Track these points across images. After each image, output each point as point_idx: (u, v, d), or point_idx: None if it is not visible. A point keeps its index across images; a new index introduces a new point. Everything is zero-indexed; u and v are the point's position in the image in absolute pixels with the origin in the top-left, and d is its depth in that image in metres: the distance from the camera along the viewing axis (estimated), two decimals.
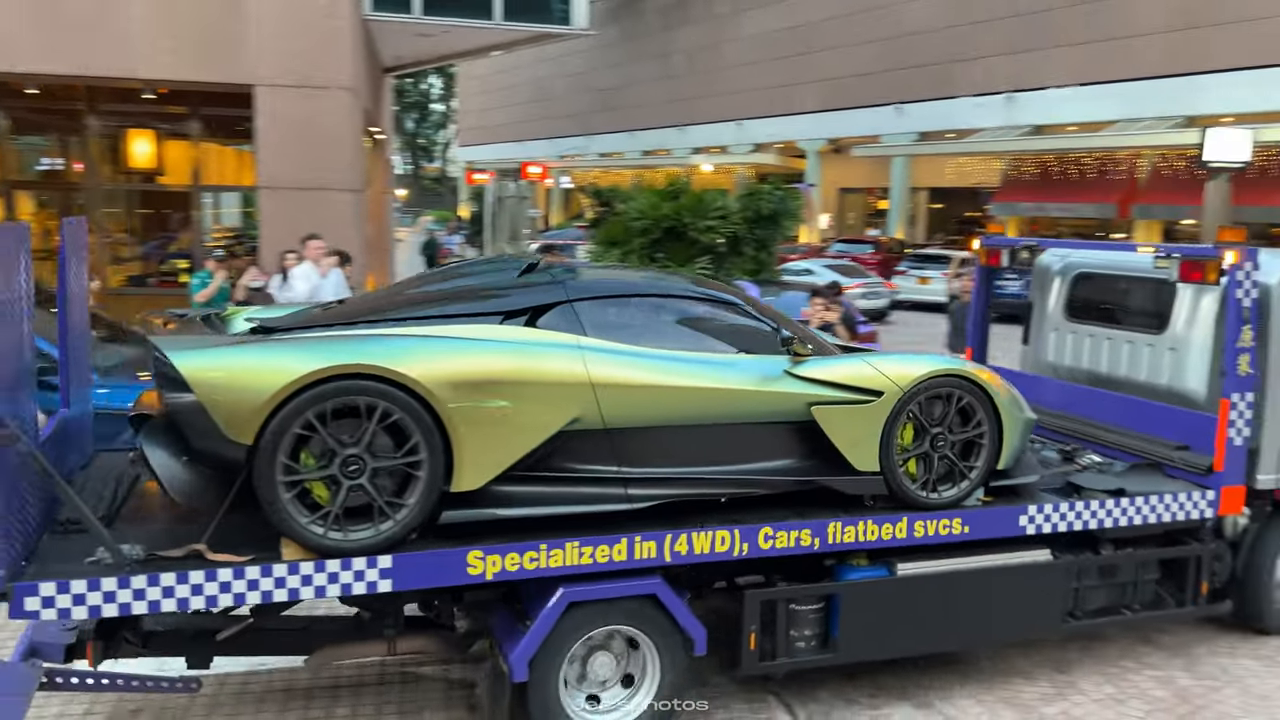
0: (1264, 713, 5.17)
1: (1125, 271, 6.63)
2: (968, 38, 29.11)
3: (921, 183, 34.66)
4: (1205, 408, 5.86)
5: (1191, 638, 6.04)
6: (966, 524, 4.96)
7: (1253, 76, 22.01)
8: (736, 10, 38.70)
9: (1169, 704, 5.25)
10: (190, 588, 3.87)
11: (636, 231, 10.39)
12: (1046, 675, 5.54)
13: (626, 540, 4.38)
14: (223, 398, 3.84)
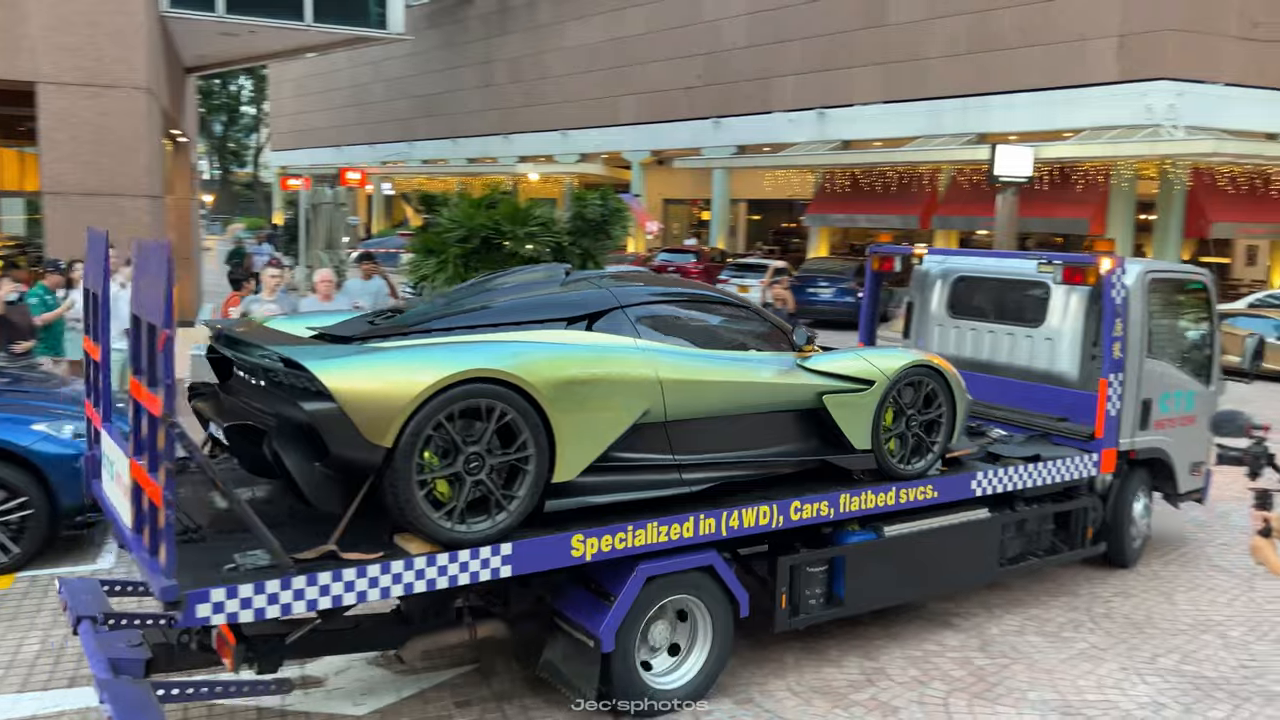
0: (1048, 685, 5.60)
1: (1001, 275, 7.82)
2: (781, 55, 30.31)
3: (741, 194, 35.80)
4: (1078, 387, 7.18)
5: (986, 620, 6.48)
6: (936, 489, 5.95)
7: (1033, 98, 23.94)
8: (558, 20, 38.86)
9: (966, 682, 5.61)
10: (343, 585, 4.08)
11: (453, 241, 10.22)
12: (856, 663, 5.81)
13: (693, 519, 4.97)
14: (365, 405, 4.07)
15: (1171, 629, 6.40)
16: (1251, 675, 5.78)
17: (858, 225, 30.60)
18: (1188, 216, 23.34)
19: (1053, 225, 24.70)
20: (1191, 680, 5.70)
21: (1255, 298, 20.17)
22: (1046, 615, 6.57)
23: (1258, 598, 6.95)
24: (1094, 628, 6.40)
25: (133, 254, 4.37)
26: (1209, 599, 6.92)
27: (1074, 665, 5.85)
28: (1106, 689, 5.58)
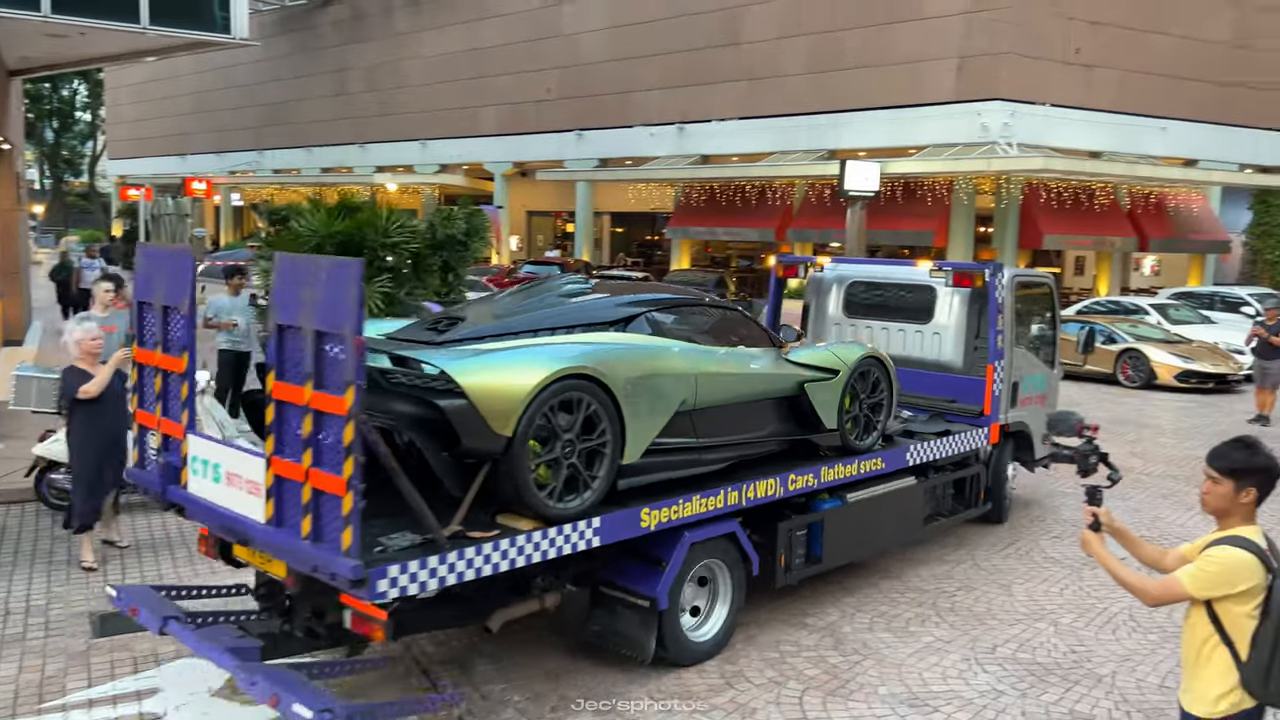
0: (897, 679, 5.82)
1: (892, 280, 9.13)
2: (641, 70, 30.71)
3: (604, 207, 36.03)
4: (963, 373, 8.56)
5: (839, 619, 6.69)
6: (884, 461, 7.03)
7: (879, 116, 25.02)
8: (415, 29, 38.27)
9: (821, 680, 5.77)
10: (482, 558, 4.66)
11: (308, 249, 9.89)
12: (715, 666, 5.90)
13: (722, 492, 5.82)
14: (491, 400, 4.67)
15: (1009, 619, 6.76)
16: (1080, 659, 6.17)
17: (717, 238, 31.25)
18: (1022, 229, 24.82)
19: (899, 238, 25.84)
20: (1027, 667, 6.04)
21: (1083, 305, 21.59)
22: (895, 611, 6.84)
23: (1086, 586, 7.42)
24: (939, 621, 6.69)
25: (285, 269, 4.55)
26: (1043, 589, 7.34)
27: (921, 658, 6.11)
28: (950, 679, 5.84)
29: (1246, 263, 27.92)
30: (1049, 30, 23.62)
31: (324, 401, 4.27)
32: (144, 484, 5.57)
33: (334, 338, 4.24)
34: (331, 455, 4.27)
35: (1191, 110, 25.46)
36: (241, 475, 4.73)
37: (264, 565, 5.03)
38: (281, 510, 4.52)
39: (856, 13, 25.58)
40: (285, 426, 4.49)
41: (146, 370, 5.43)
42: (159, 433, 5.35)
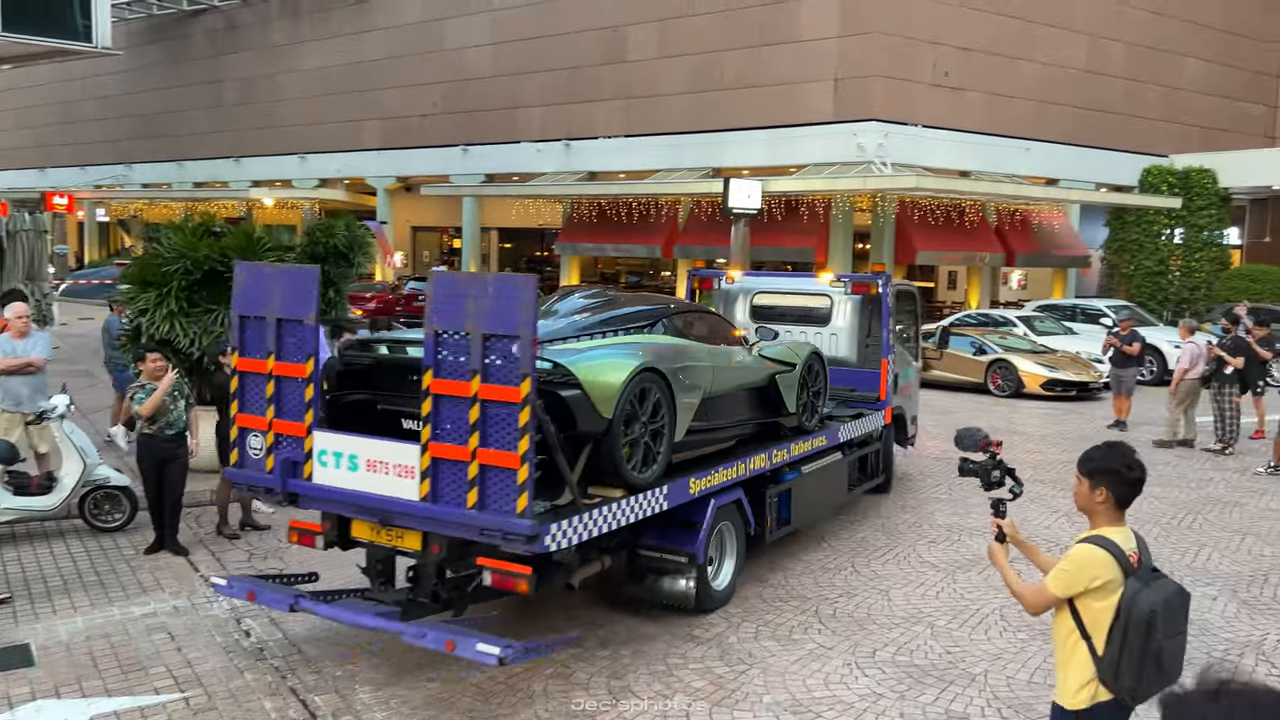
0: (781, 687, 5.92)
1: (794, 290, 10.84)
2: (526, 86, 30.66)
3: (491, 222, 35.74)
4: (857, 366, 10.09)
5: (726, 630, 6.77)
6: (825, 439, 8.55)
7: (760, 135, 25.59)
8: (294, 41, 37.32)
9: (707, 692, 5.82)
10: (604, 518, 5.79)
11: (174, 273, 9.50)
12: (604, 684, 5.89)
13: (734, 465, 7.13)
14: (597, 389, 5.70)
15: (888, 623, 6.96)
16: (955, 660, 6.39)
17: (606, 254, 31.37)
18: (897, 245, 25.71)
19: (782, 254, 26.42)
20: (905, 669, 6.22)
21: (955, 317, 22.49)
22: (779, 620, 6.96)
23: (959, 589, 7.70)
24: (822, 628, 6.84)
25: (443, 282, 5.50)
26: (920, 593, 7.59)
27: (804, 665, 6.23)
28: (833, 685, 5.97)
29: (1104, 276, 29.58)
30: (919, 54, 24.62)
31: (494, 392, 5.14)
32: (253, 481, 6.15)
33: (505, 339, 5.09)
34: (503, 436, 5.13)
35: (1053, 132, 26.88)
36: (388, 462, 5.51)
37: (393, 541, 5.79)
38: (438, 487, 5.35)
39: (735, 34, 26.13)
40: (445, 416, 5.28)
41: (250, 377, 5.99)
42: (270, 434, 5.91)
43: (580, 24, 29.24)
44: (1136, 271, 27.90)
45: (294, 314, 5.76)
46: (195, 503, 9.17)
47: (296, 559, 7.99)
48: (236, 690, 5.72)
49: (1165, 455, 12.86)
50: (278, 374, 5.85)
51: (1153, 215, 27.56)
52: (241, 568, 7.85)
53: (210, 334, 9.48)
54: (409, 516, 5.49)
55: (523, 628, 6.58)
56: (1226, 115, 30.76)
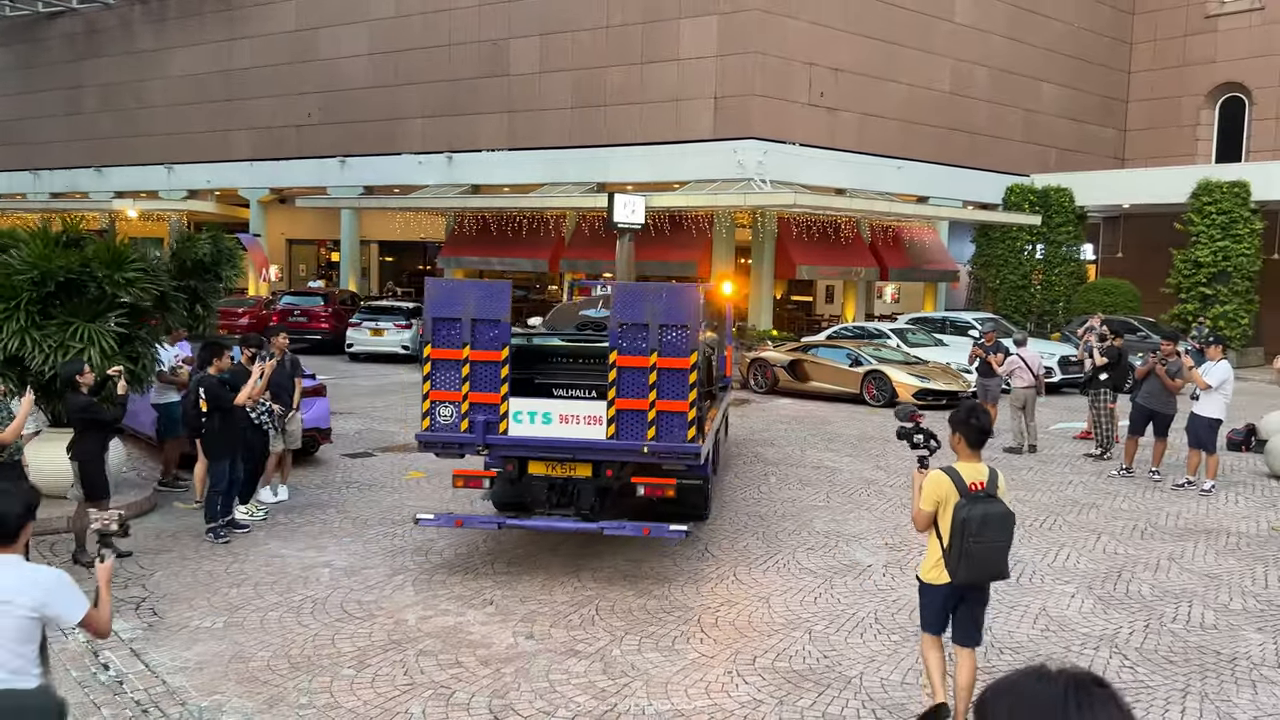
0: (663, 697, 5.95)
1: None
2: (406, 97, 30.17)
3: (372, 235, 34.98)
4: None
5: (609, 643, 6.76)
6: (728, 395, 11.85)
7: (643, 151, 25.84)
8: (160, 47, 35.82)
9: (590, 706, 5.80)
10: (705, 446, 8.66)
11: (25, 284, 8.97)
12: (484, 703, 5.80)
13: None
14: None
15: (768, 630, 7.08)
16: (832, 664, 6.54)
17: (491, 268, 31.04)
18: (777, 260, 26.29)
19: (668, 268, 26.68)
20: (784, 675, 6.33)
21: (832, 330, 23.13)
22: (662, 631, 6.99)
23: (836, 594, 7.89)
24: (704, 637, 6.91)
25: (625, 290, 8.20)
26: (799, 599, 7.75)
27: (686, 675, 6.28)
28: (714, 693, 6.03)
29: (972, 290, 30.92)
30: (795, 74, 25.30)
31: (669, 362, 7.66)
32: (452, 440, 7.98)
33: (677, 328, 7.68)
34: (675, 390, 7.69)
35: (922, 152, 27.99)
36: (579, 415, 7.87)
37: (566, 473, 8.10)
38: (621, 429, 7.74)
39: (617, 50, 26.35)
40: (628, 381, 7.72)
41: (442, 363, 7.92)
42: (464, 404, 7.88)
43: (461, 36, 28.99)
44: (1002, 285, 29.26)
45: (490, 315, 7.87)
46: (48, 530, 8.66)
47: (157, 583, 7.63)
48: None
49: (1028, 460, 13.50)
50: (473, 359, 7.86)
51: (1016, 232, 28.98)
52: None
53: (67, 350, 8.98)
54: (594, 451, 7.88)
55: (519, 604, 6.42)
56: (1081, 138, 32.63)
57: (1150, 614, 7.59)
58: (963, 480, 5.31)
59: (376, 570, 8.20)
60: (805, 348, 20.30)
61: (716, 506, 10.25)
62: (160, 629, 6.83)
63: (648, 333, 7.65)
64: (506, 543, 9.01)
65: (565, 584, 7.94)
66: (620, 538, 8.35)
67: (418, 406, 16.44)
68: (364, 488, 11.10)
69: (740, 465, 12.59)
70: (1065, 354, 20.87)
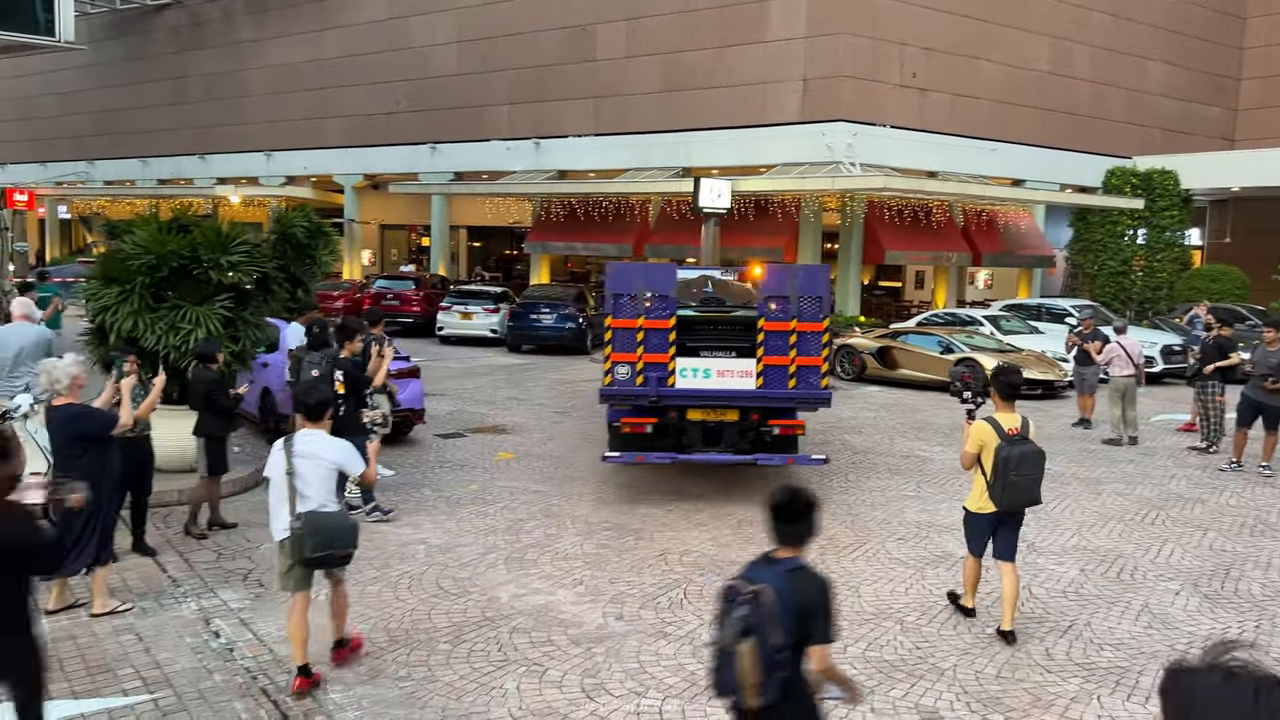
0: None
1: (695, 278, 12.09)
2: (493, 84, 30.53)
3: (461, 220, 35.55)
4: None
5: (698, 626, 6.80)
6: None
7: (730, 135, 25.67)
8: (258, 38, 36.90)
9: (680, 688, 5.85)
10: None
11: (140, 269, 9.37)
12: (576, 681, 5.90)
13: None
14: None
15: (858, 619, 7.02)
16: (924, 655, 6.46)
17: (576, 253, 31.29)
18: (866, 245, 25.90)
19: (752, 253, 26.44)
20: (875, 665, 6.28)
21: (923, 317, 22.70)
22: None
23: (928, 585, 7.78)
24: None
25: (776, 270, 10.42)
26: (889, 589, 7.66)
27: None
28: None
29: (1069, 276, 29.97)
30: (886, 55, 24.80)
31: (806, 326, 9.60)
32: (630, 393, 9.62)
33: (813, 299, 9.62)
34: (811, 348, 9.63)
35: (1017, 134, 27.19)
36: (733, 371, 9.70)
37: (718, 417, 9.84)
38: (768, 381, 9.63)
39: (704, 34, 26.19)
40: (772, 342, 9.61)
41: (621, 331, 9.60)
42: (639, 363, 9.58)
43: (547, 22, 29.17)
44: (1100, 271, 28.30)
45: (661, 290, 9.67)
46: (161, 504, 9.07)
47: (263, 556, 7.94)
48: (206, 691, 5.67)
49: (1128, 453, 13.07)
50: (646, 327, 9.58)
51: (1116, 216, 27.97)
52: (210, 567, 7.77)
53: (177, 331, 9.36)
54: (744, 399, 9.69)
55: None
56: (1187, 118, 31.29)
57: (1262, 614, 7.30)
58: (1001, 427, 6.57)
59: (469, 548, 8.38)
60: (894, 334, 19.98)
61: None
62: (266, 599, 7.11)
63: (789, 303, 9.60)
64: (595, 524, 9.12)
65: (653, 567, 8.00)
66: (688, 520, 8.38)
67: (506, 390, 16.66)
68: (456, 467, 11.34)
69: (826, 452, 12.47)
70: (1168, 343, 20.13)
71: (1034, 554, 8.61)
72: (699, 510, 9.70)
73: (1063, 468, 12.00)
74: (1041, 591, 7.69)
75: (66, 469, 6.38)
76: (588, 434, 13.26)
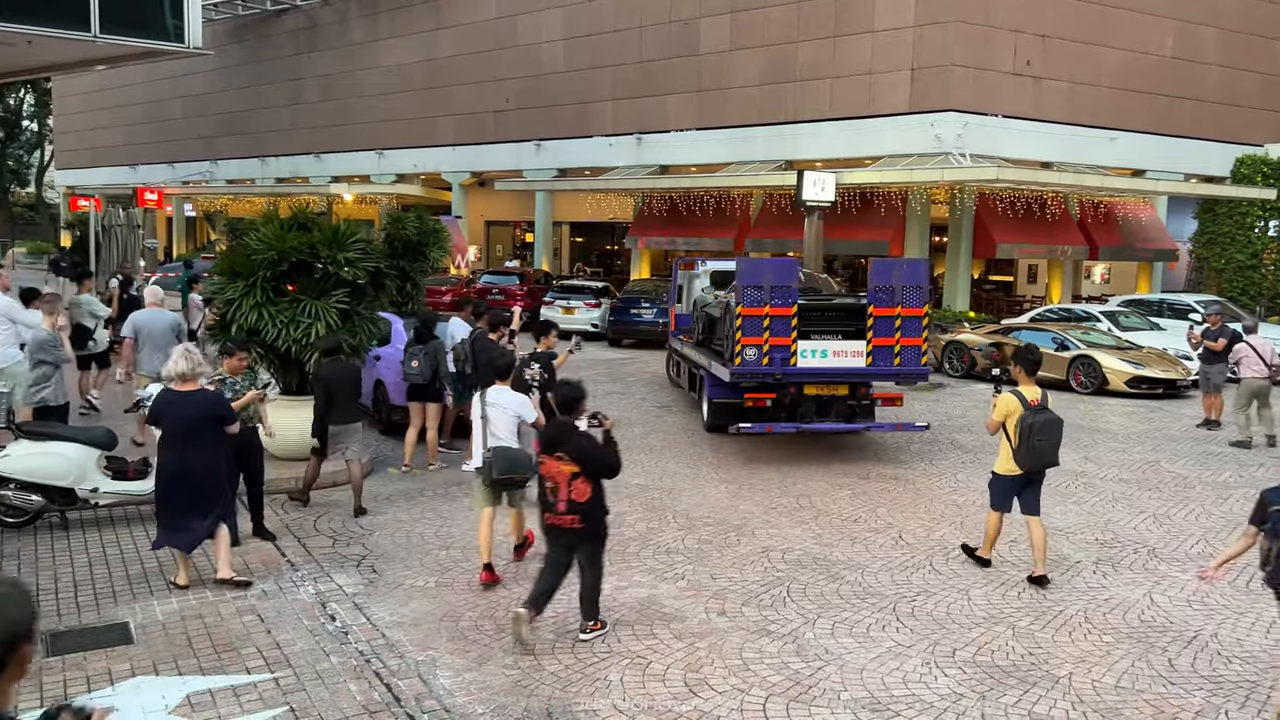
0: (859, 684, 5.88)
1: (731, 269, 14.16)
2: (598, 80, 30.76)
3: (563, 216, 35.98)
4: None
5: (801, 625, 6.74)
6: None
7: (834, 127, 25.29)
8: (371, 39, 38.01)
9: (784, 687, 5.81)
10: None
11: (262, 263, 9.77)
12: (679, 676, 5.91)
13: None
14: None
15: (968, 623, 6.85)
16: (1038, 661, 6.26)
17: (677, 247, 31.29)
18: (976, 238, 25.19)
19: (856, 247, 26.11)
20: (986, 670, 6.12)
21: (1035, 312, 21.96)
22: (856, 617, 6.90)
23: (1042, 589, 7.53)
24: (900, 626, 6.76)
25: (881, 264, 11.45)
26: (1000, 593, 7.45)
27: (882, 663, 6.17)
28: (911, 683, 5.90)
29: (1193, 270, 28.55)
30: (997, 42, 24.05)
31: (909, 312, 11.02)
32: (757, 372, 11.03)
33: (915, 289, 11.05)
34: (914, 331, 11.08)
35: (1138, 122, 26.03)
36: (846, 351, 11.13)
37: (831, 392, 11.37)
38: (876, 360, 11.08)
39: (809, 25, 25.85)
40: (880, 326, 11.05)
41: (749, 318, 10.93)
42: (765, 346, 10.95)
43: (652, 18, 29.22)
44: (1227, 266, 26.88)
45: (784, 282, 11.06)
46: (278, 490, 9.45)
47: (376, 543, 8.19)
48: (323, 672, 5.88)
49: (1260, 456, 12.40)
50: (772, 315, 10.91)
51: (1246, 207, 26.51)
52: (326, 553, 8.06)
53: (297, 324, 9.73)
54: (856, 375, 11.25)
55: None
56: None
57: None
58: (1025, 399, 7.47)
59: None
60: (1005, 330, 19.37)
61: (911, 494, 10.02)
62: (379, 585, 7.34)
63: (893, 292, 11.00)
64: (696, 519, 9.12)
65: (755, 564, 7.95)
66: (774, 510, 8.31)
67: (606, 384, 16.78)
68: None
69: (935, 452, 12.19)
70: None
71: (1156, 560, 8.25)
72: (802, 508, 9.61)
73: (1186, 470, 11.46)
74: (1164, 600, 7.37)
75: (194, 443, 7.00)
76: (688, 429, 13.26)
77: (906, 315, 11.00)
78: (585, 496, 6.20)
